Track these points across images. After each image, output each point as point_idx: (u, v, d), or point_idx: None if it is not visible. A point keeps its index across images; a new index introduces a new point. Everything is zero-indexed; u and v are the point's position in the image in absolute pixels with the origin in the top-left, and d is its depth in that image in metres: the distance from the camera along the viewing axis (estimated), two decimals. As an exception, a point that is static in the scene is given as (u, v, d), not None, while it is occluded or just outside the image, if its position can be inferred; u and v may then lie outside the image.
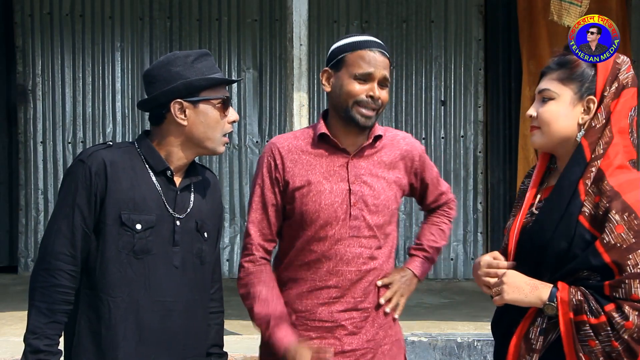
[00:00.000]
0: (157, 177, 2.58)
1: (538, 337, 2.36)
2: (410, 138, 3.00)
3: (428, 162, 3.03)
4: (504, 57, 7.98)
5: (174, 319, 2.57)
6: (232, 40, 7.88)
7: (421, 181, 3.01)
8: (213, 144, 2.62)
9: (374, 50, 2.80)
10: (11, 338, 5.37)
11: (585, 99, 2.42)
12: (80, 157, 2.54)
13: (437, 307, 6.35)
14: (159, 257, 2.54)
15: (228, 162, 7.91)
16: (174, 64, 2.57)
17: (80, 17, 7.81)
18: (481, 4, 7.93)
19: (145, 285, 2.52)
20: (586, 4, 5.75)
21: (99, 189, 2.49)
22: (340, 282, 2.83)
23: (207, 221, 2.67)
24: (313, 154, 2.86)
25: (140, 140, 2.63)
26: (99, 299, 2.51)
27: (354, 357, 2.84)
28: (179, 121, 2.56)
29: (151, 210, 2.54)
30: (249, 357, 5.06)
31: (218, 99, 2.59)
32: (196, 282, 2.63)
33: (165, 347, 2.56)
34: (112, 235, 2.50)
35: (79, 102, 7.82)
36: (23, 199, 7.87)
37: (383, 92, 2.81)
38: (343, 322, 2.84)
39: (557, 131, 2.42)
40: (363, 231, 2.84)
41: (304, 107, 5.44)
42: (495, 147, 8.03)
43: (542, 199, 2.47)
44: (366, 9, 7.91)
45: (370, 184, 2.85)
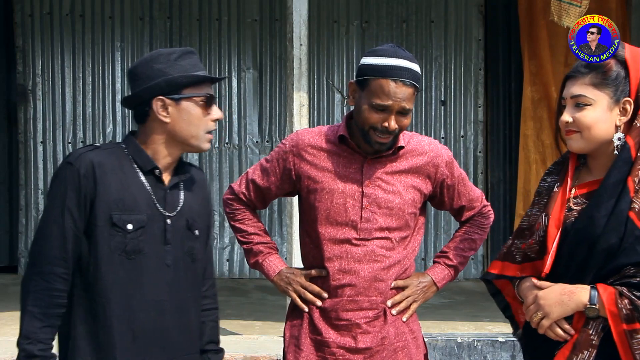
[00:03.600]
0: (146, 177, 2.58)
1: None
2: (436, 144, 2.99)
3: (456, 169, 3.01)
4: (504, 57, 7.98)
5: (167, 317, 2.57)
6: (232, 40, 7.87)
7: (448, 189, 2.99)
8: (197, 141, 2.60)
9: (397, 81, 2.78)
10: (11, 338, 5.37)
11: (622, 101, 2.44)
12: (67, 159, 2.53)
13: (437, 307, 6.35)
14: (150, 257, 2.54)
15: (228, 162, 7.91)
16: (156, 61, 2.57)
17: (80, 17, 7.80)
18: (481, 4, 7.92)
19: (138, 285, 2.53)
20: (586, 5, 5.75)
21: (89, 191, 2.49)
22: (354, 280, 2.89)
23: (198, 219, 2.67)
24: (331, 152, 2.92)
25: (127, 140, 2.62)
26: (94, 301, 2.51)
27: (368, 355, 2.89)
28: (161, 118, 2.56)
29: (142, 210, 2.53)
30: (249, 357, 5.06)
31: (201, 96, 2.58)
32: (188, 280, 2.63)
33: (160, 346, 2.56)
34: (103, 237, 2.50)
35: (79, 102, 7.82)
36: (23, 199, 7.87)
37: (402, 120, 2.82)
38: (358, 320, 2.89)
39: (598, 135, 2.44)
40: (374, 233, 2.89)
41: (304, 107, 5.44)
42: (495, 147, 8.03)
43: (578, 194, 2.49)
44: (366, 9, 7.91)
45: (384, 188, 2.89)
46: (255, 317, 6.09)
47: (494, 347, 5.26)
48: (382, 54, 2.83)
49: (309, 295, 2.93)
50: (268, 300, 6.68)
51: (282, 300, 5.37)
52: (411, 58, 2.86)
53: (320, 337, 2.92)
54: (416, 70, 2.84)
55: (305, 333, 2.94)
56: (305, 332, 2.94)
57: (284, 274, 3.00)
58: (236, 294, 7.03)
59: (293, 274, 2.98)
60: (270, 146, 7.87)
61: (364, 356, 2.89)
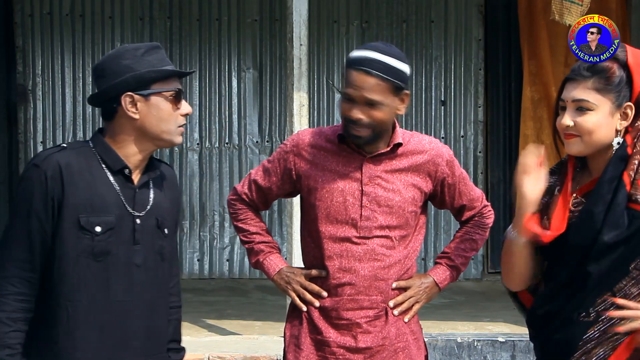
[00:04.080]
0: (114, 176, 2.51)
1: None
2: (437, 143, 2.99)
3: (457, 168, 3.00)
4: (504, 57, 7.97)
5: (135, 318, 2.52)
6: (232, 40, 7.87)
7: (449, 187, 2.99)
8: (169, 136, 2.54)
9: (361, 71, 2.77)
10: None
11: (623, 106, 2.43)
12: (34, 161, 2.48)
13: (437, 307, 6.35)
14: (119, 258, 2.49)
15: (228, 162, 7.91)
16: (123, 56, 2.50)
17: (80, 17, 7.80)
18: (481, 4, 7.92)
19: (105, 287, 2.47)
20: (587, 3, 5.75)
21: (56, 194, 2.43)
22: (354, 279, 2.89)
23: (167, 217, 2.61)
24: (331, 152, 2.93)
25: (95, 139, 2.55)
26: (57, 304, 2.45)
27: (369, 355, 2.89)
28: (130, 114, 2.49)
29: (110, 211, 2.47)
30: (249, 357, 5.07)
31: (170, 91, 2.52)
32: (157, 280, 2.57)
33: (126, 348, 2.51)
34: (70, 240, 2.44)
35: (79, 102, 7.81)
36: (23, 199, 7.86)
37: (371, 112, 2.78)
38: (358, 319, 2.89)
39: (598, 140, 2.43)
40: (374, 232, 2.89)
41: (304, 107, 5.44)
42: (495, 147, 8.03)
43: (578, 196, 2.48)
44: (366, 9, 7.91)
45: (384, 186, 2.89)
46: (255, 317, 6.09)
47: (494, 347, 5.26)
48: (364, 47, 2.86)
49: (308, 296, 2.93)
50: (268, 300, 6.68)
51: (282, 300, 5.37)
52: (395, 54, 2.82)
53: (320, 337, 2.92)
54: (391, 65, 2.79)
55: (305, 332, 2.94)
56: (306, 332, 2.94)
57: (284, 273, 3.00)
58: (236, 294, 7.02)
59: (293, 273, 2.99)
60: (270, 146, 7.87)
61: (364, 356, 2.89)
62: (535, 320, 2.55)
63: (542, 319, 2.52)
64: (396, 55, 2.83)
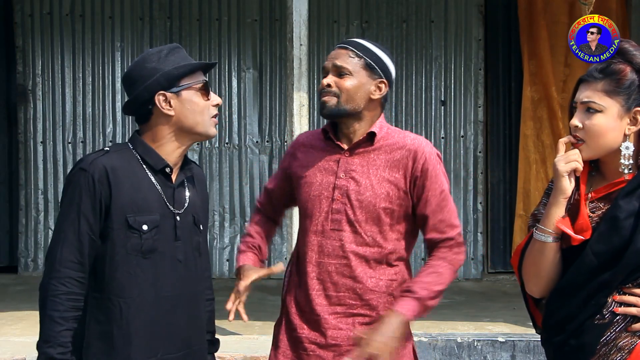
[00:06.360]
0: (155, 176, 2.64)
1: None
2: (419, 140, 2.89)
3: (437, 176, 2.84)
4: (504, 57, 7.98)
5: (179, 311, 2.64)
6: (232, 40, 7.88)
7: (418, 188, 2.85)
8: (204, 128, 2.66)
9: (339, 47, 2.92)
10: (11, 338, 5.36)
11: (633, 110, 2.39)
12: (81, 165, 2.58)
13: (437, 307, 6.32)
14: (164, 254, 2.61)
15: (228, 162, 7.91)
16: (148, 60, 2.63)
17: (80, 17, 7.81)
18: (481, 4, 7.93)
19: (154, 283, 2.59)
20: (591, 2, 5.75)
21: (103, 196, 2.55)
22: (322, 274, 2.88)
23: (201, 213, 2.76)
24: (317, 148, 2.97)
25: (134, 141, 2.67)
26: (109, 301, 2.56)
27: (338, 352, 2.85)
28: (165, 112, 2.61)
29: (154, 210, 2.60)
30: (249, 357, 5.07)
31: (199, 83, 2.65)
32: (196, 274, 2.71)
33: (173, 340, 2.63)
34: (120, 239, 2.56)
35: (79, 102, 7.82)
36: (23, 199, 7.87)
37: (340, 81, 2.86)
38: (326, 315, 2.87)
39: (605, 144, 2.40)
40: (344, 226, 2.87)
41: (304, 107, 5.44)
42: (495, 147, 8.04)
43: (594, 198, 2.45)
44: (366, 9, 7.91)
45: (357, 180, 2.87)
46: (255, 317, 6.07)
47: (494, 347, 5.26)
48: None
49: (229, 303, 2.87)
50: (268, 300, 6.68)
51: (282, 300, 5.36)
52: (380, 46, 2.94)
53: (295, 333, 2.91)
54: (370, 48, 2.89)
55: (283, 330, 2.95)
56: (283, 329, 2.95)
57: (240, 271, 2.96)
58: (236, 294, 7.01)
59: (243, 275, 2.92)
60: (270, 146, 7.88)
61: (333, 353, 2.85)
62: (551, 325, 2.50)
63: (557, 324, 2.48)
64: (381, 48, 2.94)
